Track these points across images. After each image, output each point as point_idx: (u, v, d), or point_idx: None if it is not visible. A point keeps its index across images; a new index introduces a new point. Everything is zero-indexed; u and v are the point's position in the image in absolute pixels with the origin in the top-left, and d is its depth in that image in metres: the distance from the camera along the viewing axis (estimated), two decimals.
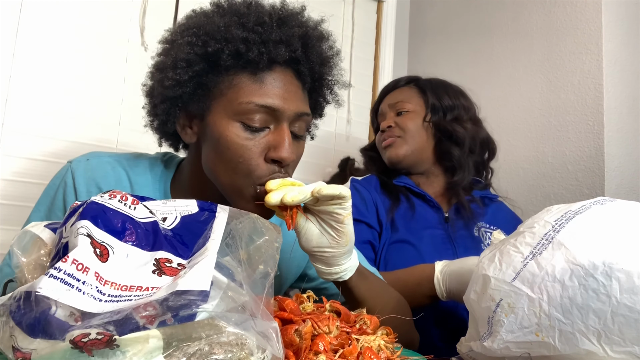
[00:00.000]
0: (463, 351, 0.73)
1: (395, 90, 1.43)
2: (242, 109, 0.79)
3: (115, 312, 0.42)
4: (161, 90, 0.83)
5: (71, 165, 0.90)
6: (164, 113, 0.85)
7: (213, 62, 0.80)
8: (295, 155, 0.83)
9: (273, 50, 0.79)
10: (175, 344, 0.41)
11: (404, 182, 1.33)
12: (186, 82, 0.81)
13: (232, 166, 0.79)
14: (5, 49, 1.40)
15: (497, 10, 1.87)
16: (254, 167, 0.79)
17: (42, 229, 0.56)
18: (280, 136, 0.80)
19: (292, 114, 0.81)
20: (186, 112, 0.85)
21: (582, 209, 0.68)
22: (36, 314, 0.42)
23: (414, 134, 1.34)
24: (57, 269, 0.44)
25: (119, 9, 1.57)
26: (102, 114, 1.53)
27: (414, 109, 1.36)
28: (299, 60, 0.82)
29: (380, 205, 1.26)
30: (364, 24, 2.12)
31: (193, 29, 0.81)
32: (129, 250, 0.49)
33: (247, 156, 0.79)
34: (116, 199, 0.53)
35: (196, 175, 0.88)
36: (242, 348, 0.43)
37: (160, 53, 0.88)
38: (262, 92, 0.79)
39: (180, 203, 0.58)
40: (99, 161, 0.91)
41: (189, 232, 0.55)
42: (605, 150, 1.49)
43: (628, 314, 0.58)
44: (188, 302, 0.42)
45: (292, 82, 0.83)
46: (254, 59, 0.78)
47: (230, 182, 0.81)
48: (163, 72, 0.83)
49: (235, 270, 0.49)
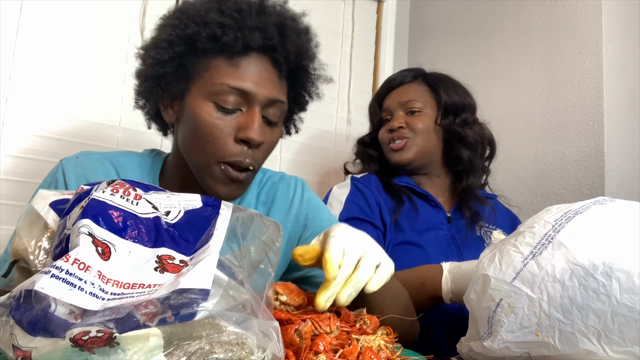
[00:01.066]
0: (463, 351, 0.73)
1: (404, 85, 1.37)
2: (216, 90, 0.83)
3: (116, 310, 0.42)
4: (145, 69, 0.89)
5: (62, 163, 0.93)
6: (146, 91, 0.90)
7: (192, 44, 0.84)
8: (266, 141, 0.86)
9: (248, 36, 0.83)
10: (176, 343, 0.41)
11: (405, 182, 1.31)
12: (167, 61, 0.85)
13: (202, 144, 0.84)
14: (5, 49, 1.40)
15: (497, 10, 1.87)
16: (222, 145, 0.83)
17: (47, 210, 0.56)
18: (251, 118, 0.83)
19: (264, 99, 0.84)
20: (168, 93, 0.90)
21: (582, 209, 0.68)
22: (36, 312, 0.42)
23: (425, 136, 1.30)
24: (58, 268, 0.44)
25: (119, 9, 1.57)
26: (102, 113, 1.53)
27: (425, 109, 1.32)
28: (275, 48, 0.86)
29: (383, 205, 1.24)
30: (364, 24, 2.12)
31: (178, 12, 0.87)
32: (131, 247, 0.49)
33: (217, 135, 0.83)
34: (118, 195, 0.53)
35: (179, 163, 0.92)
36: (242, 347, 0.43)
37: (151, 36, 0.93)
38: (236, 75, 0.83)
39: (184, 197, 0.58)
40: (88, 158, 0.94)
41: (192, 227, 0.54)
42: (605, 150, 1.49)
43: (628, 314, 0.58)
44: (189, 301, 0.42)
45: (268, 69, 0.86)
46: (229, 43, 0.82)
47: (200, 160, 0.85)
48: (147, 51, 0.89)
49: (237, 269, 0.49)
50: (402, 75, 1.40)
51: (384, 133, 1.35)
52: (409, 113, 1.32)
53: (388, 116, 1.36)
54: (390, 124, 1.33)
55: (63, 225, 0.52)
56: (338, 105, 2.00)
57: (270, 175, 1.05)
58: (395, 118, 1.33)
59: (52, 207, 0.57)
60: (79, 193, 0.55)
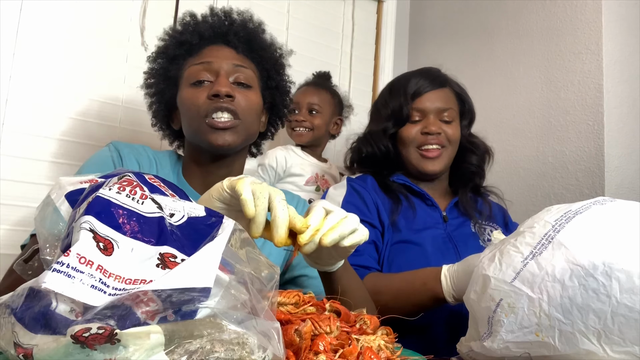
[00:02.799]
0: (463, 351, 0.73)
1: (439, 90, 1.30)
2: (189, 74, 1.04)
3: (117, 306, 0.42)
4: (145, 90, 1.13)
5: (113, 144, 1.08)
6: (155, 112, 1.12)
7: (168, 55, 1.08)
8: (241, 98, 1.02)
9: (201, 29, 1.06)
10: (177, 341, 0.41)
11: (402, 180, 1.30)
12: (157, 80, 1.09)
13: (190, 113, 1.02)
14: (5, 49, 1.40)
15: (497, 10, 1.87)
16: (200, 106, 1.00)
17: (62, 201, 0.56)
18: (217, 80, 1.01)
19: (226, 66, 1.03)
20: (168, 106, 1.10)
21: (582, 209, 0.68)
22: (38, 309, 0.42)
23: (455, 146, 1.30)
24: (60, 262, 0.44)
25: (119, 9, 1.57)
26: (102, 114, 1.53)
27: (456, 119, 1.30)
28: (225, 33, 1.07)
29: (380, 205, 1.24)
30: (364, 24, 2.12)
31: (162, 36, 1.12)
32: (133, 244, 0.49)
33: (196, 102, 1.01)
34: (124, 193, 0.53)
35: (193, 154, 1.09)
36: (243, 347, 0.43)
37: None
38: (200, 57, 1.05)
39: (189, 205, 0.58)
40: (134, 145, 1.12)
41: (195, 232, 0.54)
42: (605, 150, 1.49)
43: (628, 314, 0.58)
44: (190, 298, 0.42)
45: (224, 48, 1.07)
46: (188, 40, 1.05)
47: (192, 125, 1.02)
48: (147, 74, 1.12)
49: (240, 271, 0.49)
50: (433, 77, 1.32)
51: (416, 133, 1.28)
52: (443, 121, 1.28)
53: (419, 117, 1.29)
54: (428, 127, 1.26)
55: (73, 217, 0.52)
56: None
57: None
58: (431, 122, 1.27)
59: (67, 197, 0.57)
60: (92, 185, 0.55)
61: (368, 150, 1.34)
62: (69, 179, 0.60)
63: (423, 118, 1.28)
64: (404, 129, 1.29)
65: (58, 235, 0.54)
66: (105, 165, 1.02)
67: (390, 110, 1.31)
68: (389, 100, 1.32)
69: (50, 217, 0.55)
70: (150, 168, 1.07)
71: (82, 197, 0.54)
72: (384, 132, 1.31)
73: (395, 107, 1.30)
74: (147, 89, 1.12)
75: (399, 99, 1.30)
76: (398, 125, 1.30)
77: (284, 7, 1.90)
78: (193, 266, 0.46)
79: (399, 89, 1.32)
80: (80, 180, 0.60)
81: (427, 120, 1.27)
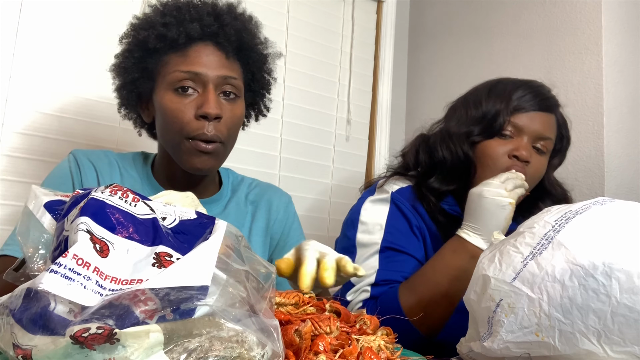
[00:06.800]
0: (463, 351, 0.73)
1: (546, 114, 1.11)
2: (172, 79, 0.96)
3: (114, 304, 0.42)
4: (117, 81, 1.05)
5: (72, 153, 1.06)
6: (124, 99, 1.05)
7: (146, 47, 0.98)
8: (226, 115, 0.97)
9: (189, 27, 0.96)
10: (176, 340, 0.41)
11: (454, 211, 1.11)
12: (131, 68, 1.01)
13: (170, 126, 0.96)
14: (5, 49, 1.40)
15: (497, 10, 1.87)
16: (186, 123, 0.95)
17: (43, 212, 0.56)
18: (206, 96, 0.95)
19: (215, 77, 0.97)
20: (140, 96, 1.04)
21: (582, 209, 0.68)
22: (36, 310, 0.42)
23: (533, 185, 1.10)
24: (57, 264, 0.44)
25: (119, 9, 1.57)
26: (102, 114, 1.53)
27: (549, 154, 1.13)
28: (215, 33, 0.98)
29: (426, 233, 1.11)
30: (364, 24, 2.12)
31: (130, 25, 1.03)
32: (129, 245, 0.49)
33: (180, 116, 0.95)
34: (117, 196, 0.53)
35: (164, 156, 1.05)
36: (242, 344, 0.43)
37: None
38: (187, 62, 0.96)
39: (180, 209, 0.59)
40: (95, 151, 1.09)
41: (189, 232, 0.55)
42: (605, 150, 1.49)
43: (628, 314, 0.58)
44: (189, 297, 0.42)
45: (214, 52, 0.98)
46: (174, 37, 0.96)
47: (172, 140, 0.98)
48: (115, 65, 1.05)
49: (237, 269, 0.49)
50: (550, 101, 1.14)
51: (504, 154, 1.08)
52: (536, 148, 1.10)
53: (511, 134, 1.09)
54: (519, 151, 1.06)
55: (61, 227, 0.52)
56: (338, 106, 2.00)
57: (259, 182, 1.21)
58: (524, 146, 1.07)
59: (46, 208, 0.57)
60: (75, 196, 0.55)
61: (444, 154, 1.12)
62: (41, 189, 0.61)
63: (515, 137, 1.09)
64: (491, 142, 1.09)
65: (44, 245, 0.54)
66: (63, 179, 1.01)
67: (481, 113, 1.11)
68: (484, 102, 1.12)
69: (32, 231, 0.55)
70: (111, 172, 1.04)
71: (67, 207, 0.54)
72: (467, 136, 1.11)
73: (490, 112, 1.10)
74: (118, 75, 1.05)
75: (498, 104, 1.10)
76: (484, 134, 1.10)
77: (284, 7, 1.90)
78: (190, 264, 0.46)
79: (501, 94, 1.12)
80: (55, 193, 0.60)
81: (519, 140, 1.08)
